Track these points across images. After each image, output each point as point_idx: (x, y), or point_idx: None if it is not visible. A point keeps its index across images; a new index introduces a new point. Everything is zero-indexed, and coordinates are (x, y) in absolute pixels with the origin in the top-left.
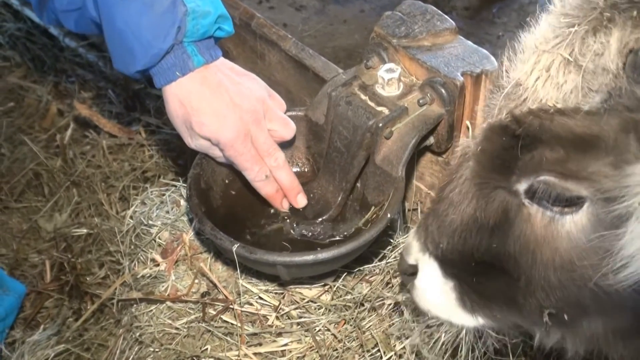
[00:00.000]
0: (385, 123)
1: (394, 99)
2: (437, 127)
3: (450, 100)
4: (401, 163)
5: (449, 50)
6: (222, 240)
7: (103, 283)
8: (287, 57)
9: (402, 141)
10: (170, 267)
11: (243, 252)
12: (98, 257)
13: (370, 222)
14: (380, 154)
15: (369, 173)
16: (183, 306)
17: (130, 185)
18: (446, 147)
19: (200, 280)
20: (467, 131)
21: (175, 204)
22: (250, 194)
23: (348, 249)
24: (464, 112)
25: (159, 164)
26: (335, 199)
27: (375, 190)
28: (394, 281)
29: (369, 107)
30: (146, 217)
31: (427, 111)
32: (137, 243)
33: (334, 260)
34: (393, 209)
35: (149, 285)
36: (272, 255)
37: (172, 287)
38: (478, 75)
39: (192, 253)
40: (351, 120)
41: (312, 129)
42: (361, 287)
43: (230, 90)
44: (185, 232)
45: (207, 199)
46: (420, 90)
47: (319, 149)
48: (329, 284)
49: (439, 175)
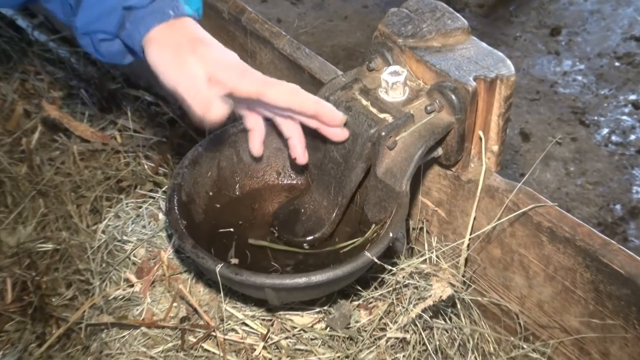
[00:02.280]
0: (389, 132)
1: (399, 105)
2: (446, 137)
3: (461, 108)
4: (405, 176)
5: (461, 52)
6: (205, 260)
7: (70, 305)
8: (281, 57)
9: (407, 152)
10: (146, 289)
11: (227, 272)
12: (65, 276)
13: (370, 242)
14: (382, 166)
15: (369, 187)
16: (159, 332)
17: (103, 196)
18: (456, 159)
19: (179, 303)
20: (479, 142)
21: (152, 218)
22: (237, 208)
23: (344, 271)
24: (476, 120)
25: (136, 172)
26: (330, 216)
27: (376, 207)
28: (397, 310)
29: (371, 113)
30: (120, 232)
31: (435, 119)
32: (109, 261)
33: (328, 283)
34: (396, 228)
35: (121, 308)
36: (260, 277)
37: (148, 311)
38: (492, 80)
39: (171, 273)
40: (350, 127)
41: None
42: (359, 316)
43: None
44: (163, 249)
45: (188, 213)
46: (428, 95)
47: (314, 159)
48: (323, 311)
49: (448, 190)
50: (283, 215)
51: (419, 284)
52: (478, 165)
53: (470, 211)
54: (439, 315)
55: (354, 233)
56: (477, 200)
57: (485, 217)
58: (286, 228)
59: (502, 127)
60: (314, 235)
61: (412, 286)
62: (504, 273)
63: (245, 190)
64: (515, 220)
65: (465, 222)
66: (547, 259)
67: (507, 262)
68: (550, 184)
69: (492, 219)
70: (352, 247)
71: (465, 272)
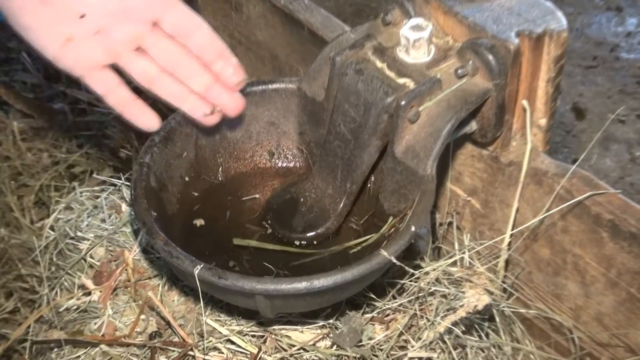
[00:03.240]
0: (410, 100)
1: (422, 68)
2: (481, 107)
3: (500, 71)
4: (431, 157)
5: (500, 1)
6: (180, 260)
7: (11, 319)
8: (274, 9)
9: (433, 126)
10: (107, 297)
11: (209, 276)
12: (5, 283)
13: (386, 239)
14: (401, 143)
15: (385, 170)
16: (124, 351)
17: (50, 185)
18: (494, 135)
19: (147, 315)
20: (523, 114)
21: (114, 210)
22: (220, 197)
23: (355, 274)
24: (520, 87)
25: (92, 155)
26: (336, 206)
27: (394, 195)
28: (421, 323)
29: (387, 78)
30: (73, 227)
31: (467, 85)
32: (59, 263)
33: (334, 290)
34: (419, 221)
35: (76, 321)
36: (250, 281)
37: (109, 325)
38: (539, 37)
39: (138, 278)
40: (362, 96)
41: (307, 108)
42: (372, 331)
43: None
44: (127, 248)
45: (159, 202)
46: (459, 56)
47: (316, 136)
48: (328, 325)
49: (484, 175)
50: (278, 206)
51: (448, 291)
52: (521, 144)
53: (512, 201)
54: (473, 330)
55: (367, 228)
56: (521, 187)
57: (531, 208)
58: (282, 222)
59: (552, 96)
60: (316, 230)
61: (440, 294)
62: (554, 278)
63: (230, 174)
64: (569, 211)
65: (506, 214)
66: (609, 261)
67: (558, 264)
68: (610, 172)
69: (539, 210)
70: (364, 245)
71: (506, 277)
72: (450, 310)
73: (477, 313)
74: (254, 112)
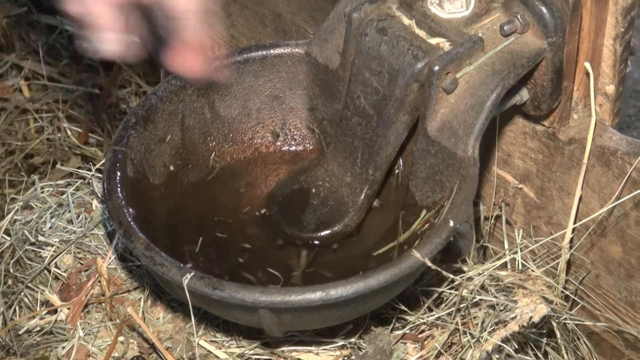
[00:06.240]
0: (445, 65)
1: (460, 25)
2: (533, 72)
3: (557, 27)
4: (473, 135)
5: None
6: (166, 267)
7: None
8: None
9: (475, 97)
10: (76, 316)
11: (201, 286)
12: None
13: (419, 237)
14: (436, 119)
15: (416, 152)
16: None
17: (5, 180)
18: (550, 107)
19: (127, 337)
20: (585, 80)
21: (83, 208)
22: (213, 189)
23: (380, 281)
24: (581, 46)
25: (55, 142)
26: (356, 198)
27: (427, 182)
28: (464, 340)
29: (417, 38)
30: (33, 230)
31: (516, 45)
32: (18, 275)
33: (356, 301)
34: (459, 214)
35: (39, 346)
36: (252, 291)
37: (80, 350)
38: None
39: (114, 292)
40: (386, 61)
41: (318, 77)
42: (404, 351)
43: None
44: (100, 255)
45: (138, 196)
46: (505, 8)
47: (329, 112)
48: (350, 345)
49: (538, 157)
50: (284, 199)
51: (496, 300)
52: (584, 117)
53: (574, 188)
54: (528, 348)
55: (394, 224)
56: (584, 170)
57: (598, 196)
58: (289, 218)
59: (621, 57)
60: (332, 228)
61: (486, 304)
62: (627, 282)
63: (225, 161)
64: None
65: (567, 205)
66: None
67: (633, 265)
68: None
69: (607, 198)
70: (392, 245)
71: (568, 282)
72: (500, 324)
73: (532, 327)
74: (253, 84)
